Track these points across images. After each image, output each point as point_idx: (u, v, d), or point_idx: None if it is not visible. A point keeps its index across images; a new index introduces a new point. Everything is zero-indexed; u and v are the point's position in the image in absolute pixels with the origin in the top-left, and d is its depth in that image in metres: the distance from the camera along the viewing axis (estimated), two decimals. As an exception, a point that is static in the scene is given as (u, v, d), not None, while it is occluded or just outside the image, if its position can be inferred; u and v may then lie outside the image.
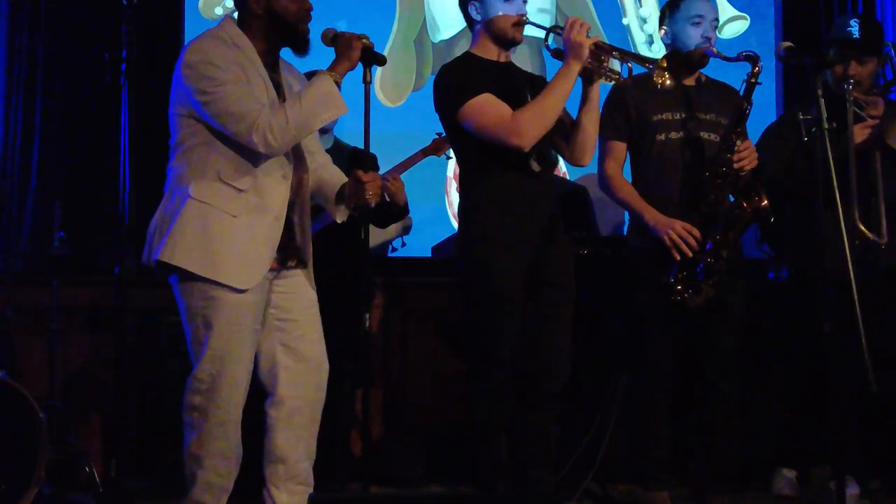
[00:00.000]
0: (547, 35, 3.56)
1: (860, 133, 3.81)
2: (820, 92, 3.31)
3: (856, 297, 3.14)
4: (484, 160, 3.47)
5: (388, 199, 4.20)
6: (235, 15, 3.11)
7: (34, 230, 4.96)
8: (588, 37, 3.30)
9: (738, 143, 3.62)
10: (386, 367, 4.92)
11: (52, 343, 4.24)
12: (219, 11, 5.40)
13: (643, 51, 5.62)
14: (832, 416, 3.84)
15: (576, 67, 3.32)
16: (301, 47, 3.10)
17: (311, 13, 3.07)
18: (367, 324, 3.05)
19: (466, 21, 3.59)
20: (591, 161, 3.70)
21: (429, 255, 5.30)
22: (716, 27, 3.80)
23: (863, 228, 3.65)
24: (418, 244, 5.29)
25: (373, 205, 3.08)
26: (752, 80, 3.61)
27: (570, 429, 4.03)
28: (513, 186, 3.47)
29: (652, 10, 5.70)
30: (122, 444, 4.35)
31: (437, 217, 5.34)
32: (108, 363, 4.48)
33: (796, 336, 4.13)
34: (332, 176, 3.24)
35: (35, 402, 3.82)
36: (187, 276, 2.99)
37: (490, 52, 3.53)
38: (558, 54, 3.45)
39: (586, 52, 3.29)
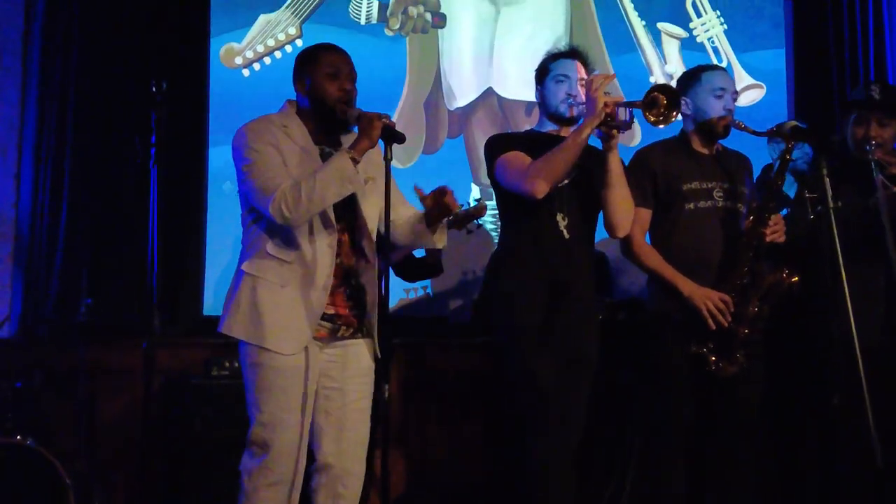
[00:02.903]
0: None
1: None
2: (825, 171, 3.38)
3: (861, 371, 3.19)
4: (517, 222, 3.64)
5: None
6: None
7: (61, 298, 5.05)
8: (608, 94, 3.42)
9: (771, 217, 3.67)
10: (405, 426, 4.99)
11: (79, 407, 4.34)
12: (238, 61, 5.51)
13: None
14: (844, 482, 3.88)
15: (588, 121, 3.45)
16: (338, 129, 3.25)
17: (353, 97, 3.22)
18: (387, 395, 3.10)
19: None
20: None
21: (445, 314, 5.40)
22: (735, 99, 3.83)
23: None
24: (437, 305, 5.39)
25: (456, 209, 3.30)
26: (787, 157, 3.65)
27: (588, 487, 4.08)
28: (541, 250, 3.60)
29: (677, 65, 5.82)
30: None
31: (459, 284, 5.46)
32: (133, 424, 4.57)
33: (801, 402, 4.16)
34: (412, 216, 3.37)
35: (62, 469, 3.93)
36: (243, 345, 3.18)
37: (549, 129, 3.74)
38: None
39: (600, 106, 3.41)
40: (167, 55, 5.27)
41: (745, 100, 5.86)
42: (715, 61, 5.80)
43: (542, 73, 3.75)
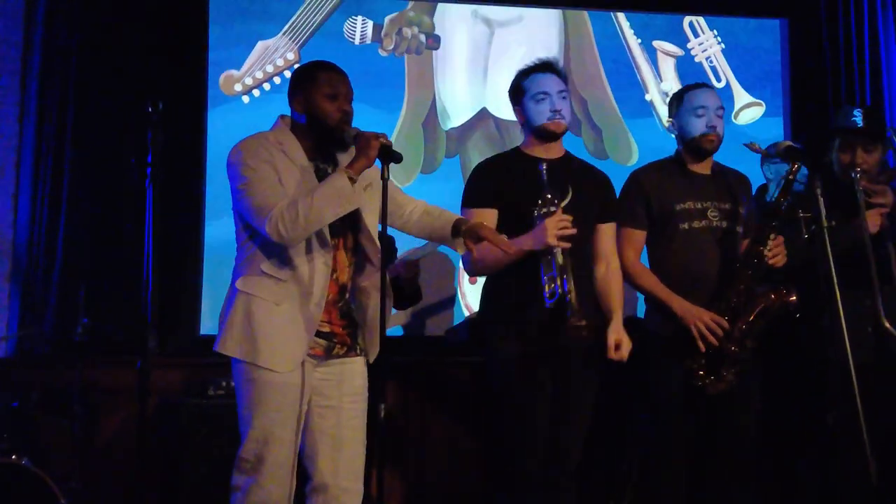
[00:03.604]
0: None
1: (873, 221, 3.81)
2: (819, 191, 3.39)
3: (856, 389, 3.19)
4: None
5: (400, 283, 4.33)
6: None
7: (58, 316, 5.05)
8: (561, 233, 3.44)
9: (772, 237, 3.68)
10: (401, 446, 4.99)
11: (75, 426, 4.34)
12: (238, 88, 5.53)
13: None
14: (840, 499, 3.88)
15: (526, 243, 3.48)
16: (338, 147, 3.24)
17: (351, 117, 3.21)
18: (382, 414, 3.09)
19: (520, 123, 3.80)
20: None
21: (441, 334, 5.41)
22: (721, 115, 3.84)
23: (887, 325, 3.64)
24: (431, 327, 5.40)
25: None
26: (791, 178, 3.66)
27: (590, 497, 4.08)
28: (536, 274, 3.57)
29: (672, 83, 5.83)
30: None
31: (448, 304, 5.47)
32: (129, 443, 4.57)
33: (796, 420, 4.16)
34: (439, 215, 3.41)
35: (58, 489, 3.93)
36: (237, 362, 3.17)
37: (536, 149, 3.72)
38: None
39: (544, 241, 3.43)
40: (166, 76, 5.28)
41: (744, 118, 5.92)
42: (714, 81, 5.84)
43: (518, 93, 3.74)
